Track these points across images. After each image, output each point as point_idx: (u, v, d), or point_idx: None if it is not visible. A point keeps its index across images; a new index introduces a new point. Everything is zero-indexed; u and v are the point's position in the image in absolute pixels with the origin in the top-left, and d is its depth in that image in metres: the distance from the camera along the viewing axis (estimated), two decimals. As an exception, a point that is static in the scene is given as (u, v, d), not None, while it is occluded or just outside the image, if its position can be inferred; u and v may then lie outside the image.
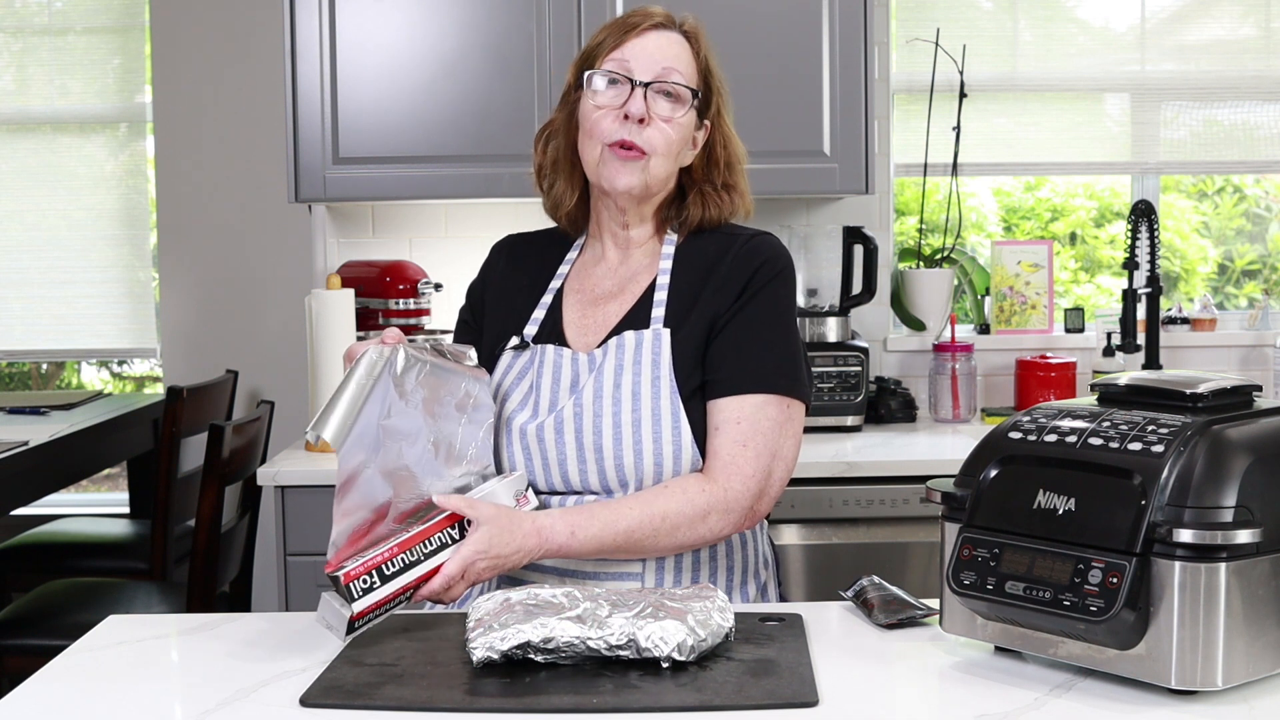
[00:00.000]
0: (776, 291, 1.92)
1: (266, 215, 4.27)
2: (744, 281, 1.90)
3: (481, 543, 1.71)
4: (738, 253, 1.93)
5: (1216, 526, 1.41)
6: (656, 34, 1.92)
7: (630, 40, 1.91)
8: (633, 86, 1.89)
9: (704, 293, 1.91)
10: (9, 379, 5.59)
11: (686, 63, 1.92)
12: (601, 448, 1.85)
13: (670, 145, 1.91)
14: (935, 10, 3.68)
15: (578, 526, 1.78)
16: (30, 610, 3.30)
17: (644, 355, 1.88)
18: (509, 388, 1.94)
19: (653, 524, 1.81)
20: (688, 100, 1.91)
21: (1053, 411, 1.60)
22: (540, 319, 1.98)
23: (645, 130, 1.89)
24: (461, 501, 1.73)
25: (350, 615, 1.60)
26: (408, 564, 1.66)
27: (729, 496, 1.84)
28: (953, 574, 1.55)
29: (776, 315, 1.91)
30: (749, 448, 1.85)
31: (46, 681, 1.59)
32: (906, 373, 3.63)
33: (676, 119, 1.90)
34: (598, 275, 1.99)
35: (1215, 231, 4.03)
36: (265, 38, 4.18)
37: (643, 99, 1.89)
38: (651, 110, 1.89)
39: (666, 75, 1.90)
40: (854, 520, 2.97)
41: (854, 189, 3.25)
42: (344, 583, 1.61)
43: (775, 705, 1.45)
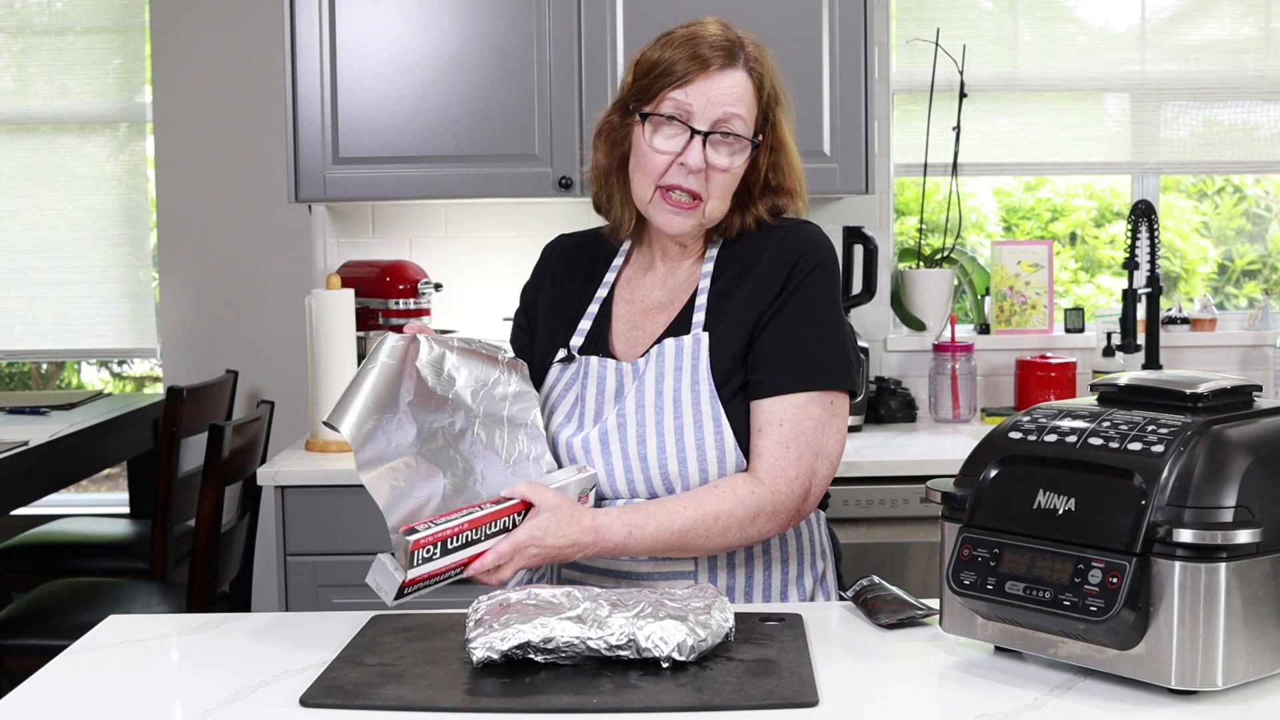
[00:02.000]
0: (816, 283, 1.88)
1: (266, 215, 4.27)
2: (783, 279, 1.88)
3: (538, 529, 1.71)
4: (775, 249, 1.90)
5: (1216, 526, 1.41)
6: (721, 75, 1.84)
7: (695, 82, 1.84)
8: (691, 135, 1.84)
9: (742, 291, 1.89)
10: (9, 379, 5.59)
11: (749, 104, 1.86)
12: (646, 457, 1.85)
13: (726, 189, 1.88)
14: (935, 10, 3.68)
15: (635, 526, 1.78)
16: (30, 610, 3.30)
17: (684, 361, 1.87)
18: (556, 400, 1.94)
19: (705, 524, 1.80)
20: (747, 148, 1.87)
21: (1053, 411, 1.60)
22: (586, 330, 1.96)
23: (700, 176, 1.85)
24: (526, 487, 1.73)
25: (402, 581, 1.60)
26: (470, 541, 1.67)
27: (776, 499, 1.83)
28: (953, 574, 1.55)
29: (816, 307, 1.88)
30: (792, 449, 1.84)
31: (46, 681, 1.59)
32: (906, 373, 3.63)
33: (734, 168, 1.86)
34: (647, 285, 1.97)
35: (1215, 231, 4.03)
36: (265, 38, 4.18)
37: (700, 150, 1.84)
38: (709, 160, 1.85)
39: (727, 122, 1.84)
40: (854, 520, 2.97)
41: (854, 189, 3.25)
42: (410, 549, 1.60)
43: (775, 705, 1.45)
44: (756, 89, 1.87)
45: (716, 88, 1.84)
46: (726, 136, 1.85)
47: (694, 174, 1.85)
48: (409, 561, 1.61)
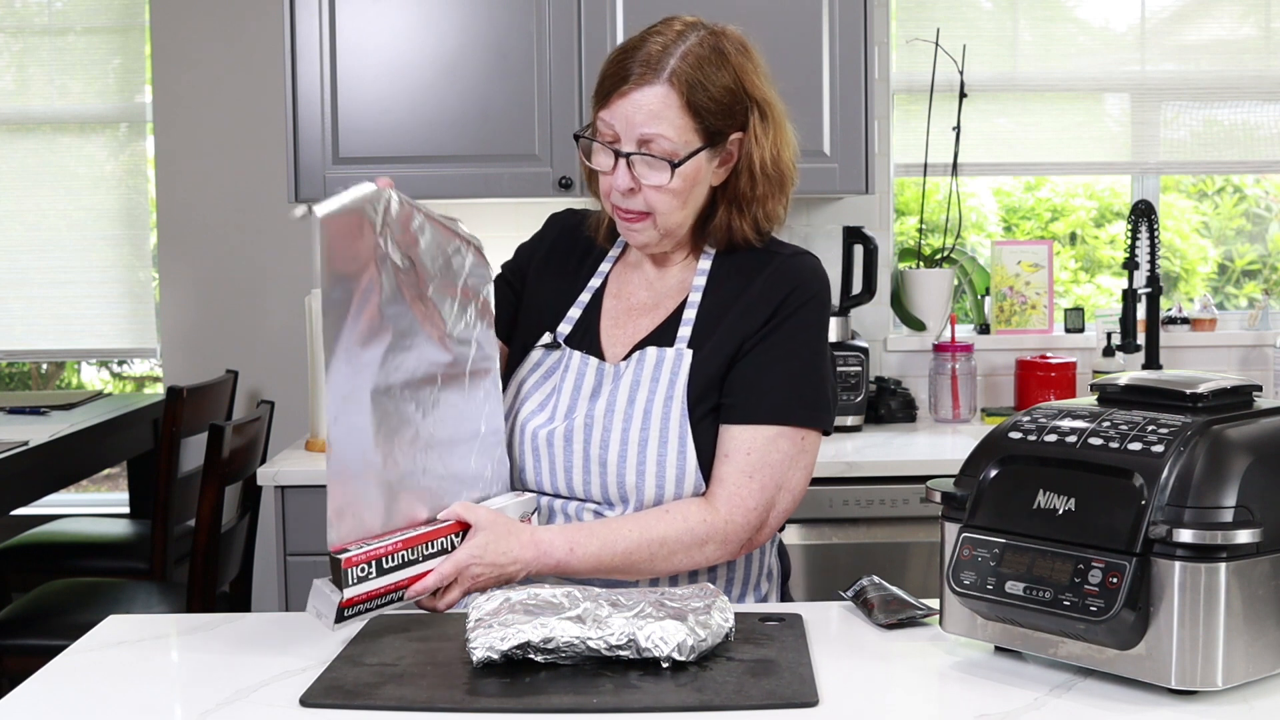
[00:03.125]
0: (805, 319, 1.86)
1: (266, 215, 4.27)
2: (773, 308, 1.85)
3: (477, 547, 1.70)
4: (770, 275, 1.87)
5: (1216, 526, 1.41)
6: (639, 93, 1.80)
7: (614, 102, 1.81)
8: (616, 158, 1.82)
9: (731, 314, 1.87)
10: (9, 379, 5.59)
11: (673, 119, 1.80)
12: (606, 462, 1.84)
13: (671, 200, 1.83)
14: (935, 10, 3.68)
15: (576, 544, 1.77)
16: (30, 610, 3.30)
17: (663, 374, 1.85)
18: (531, 387, 1.93)
19: (650, 548, 1.79)
20: (668, 167, 1.81)
21: (1053, 411, 1.60)
22: (575, 318, 1.95)
23: (639, 195, 1.83)
24: (461, 508, 1.73)
25: (340, 601, 1.60)
26: (407, 561, 1.66)
27: (729, 529, 1.82)
28: (953, 574, 1.55)
29: (803, 342, 1.86)
30: (755, 479, 1.82)
31: (46, 681, 1.59)
32: (906, 373, 3.63)
33: (667, 185, 1.82)
34: (635, 284, 1.96)
35: (1215, 231, 4.03)
36: (265, 38, 4.18)
37: (626, 172, 1.81)
38: (639, 180, 1.82)
39: (648, 142, 1.80)
40: (854, 520, 2.97)
41: (854, 189, 3.25)
42: (344, 566, 1.60)
43: (775, 705, 1.45)
44: (684, 103, 1.80)
45: (632, 106, 1.80)
46: (648, 155, 1.81)
47: (628, 195, 1.83)
48: (343, 580, 1.60)
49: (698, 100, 1.81)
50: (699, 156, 1.83)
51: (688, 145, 1.81)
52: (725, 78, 1.83)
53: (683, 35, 1.84)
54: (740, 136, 1.86)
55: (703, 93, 1.81)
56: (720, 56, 1.84)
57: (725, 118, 1.84)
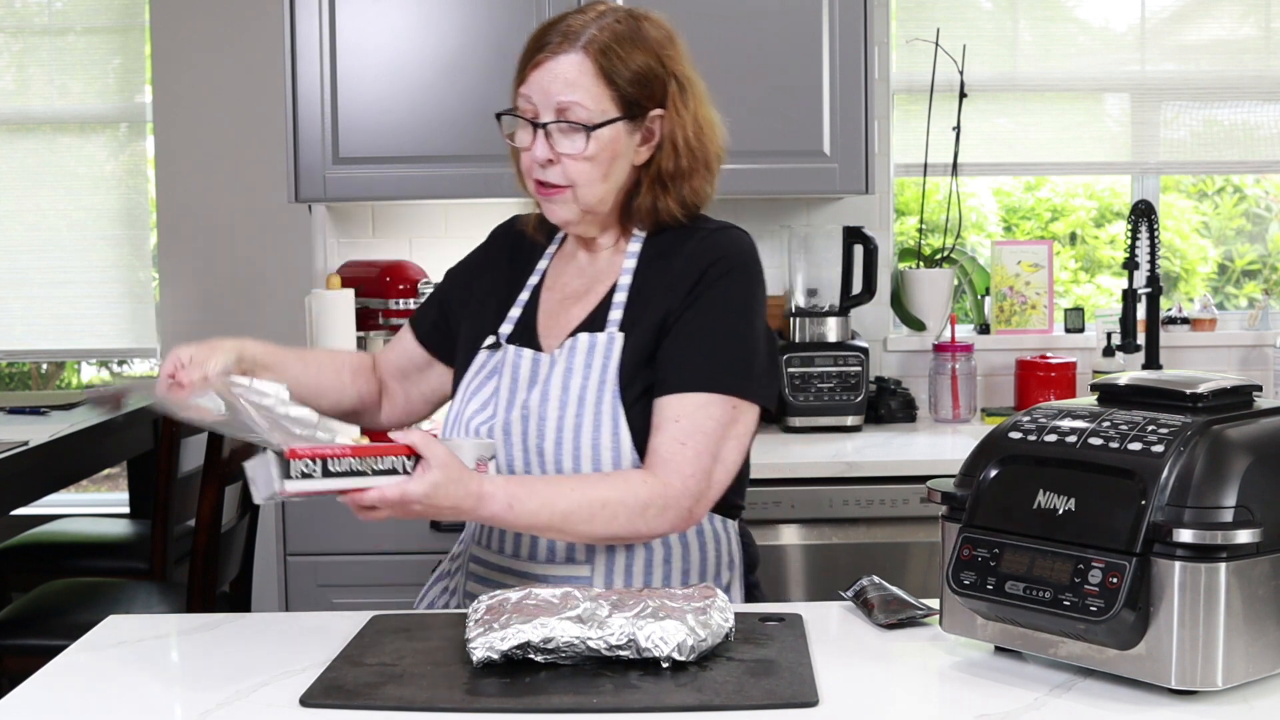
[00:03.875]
0: (728, 289, 1.86)
1: (266, 215, 4.27)
2: (693, 280, 1.85)
3: (428, 485, 1.65)
4: (691, 250, 1.88)
5: (1216, 526, 1.41)
6: (553, 62, 1.82)
7: (530, 74, 1.84)
8: (534, 129, 1.84)
9: (655, 295, 1.88)
10: (9, 379, 5.59)
11: (589, 86, 1.82)
12: (543, 450, 1.84)
13: (591, 172, 1.84)
14: (935, 10, 3.68)
15: (516, 500, 1.73)
16: (30, 610, 3.30)
17: (595, 359, 1.86)
18: (475, 388, 1.93)
19: (591, 509, 1.76)
20: (584, 132, 1.82)
21: (1053, 411, 1.60)
22: (516, 317, 1.96)
23: (558, 167, 1.84)
24: (420, 438, 1.67)
25: (277, 490, 1.57)
26: (353, 471, 1.62)
27: (668, 493, 1.79)
28: (953, 574, 1.55)
29: (726, 312, 1.85)
30: (688, 446, 1.80)
31: (46, 681, 1.59)
32: (906, 373, 3.63)
33: (584, 152, 1.83)
34: (569, 274, 1.97)
35: (1215, 231, 4.03)
36: (265, 38, 4.18)
37: (544, 143, 1.83)
38: (556, 149, 1.83)
39: (565, 110, 1.82)
40: (854, 520, 2.97)
41: (854, 189, 3.25)
42: (287, 457, 1.57)
43: (775, 705, 1.45)
44: (599, 70, 1.82)
45: (548, 75, 1.83)
46: (563, 123, 1.82)
47: (547, 167, 1.84)
48: (284, 470, 1.56)
49: (612, 68, 1.83)
50: (616, 126, 1.84)
51: (604, 113, 1.83)
52: (642, 50, 1.86)
53: (603, 14, 1.87)
54: (661, 113, 1.87)
55: (618, 61, 1.83)
56: (638, 32, 1.86)
57: (642, 88, 1.85)
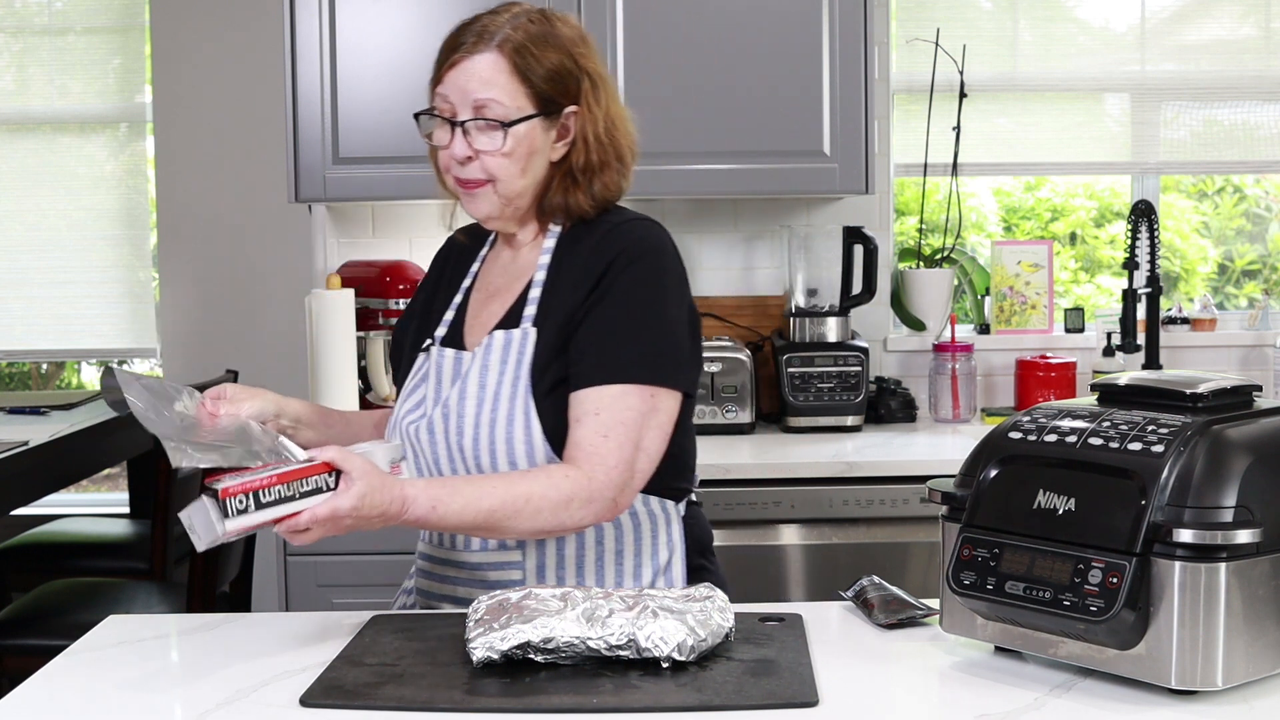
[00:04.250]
0: (634, 280, 1.86)
1: (266, 215, 4.27)
2: (598, 275, 1.86)
3: (355, 497, 1.65)
4: (595, 245, 1.89)
5: (1216, 526, 1.41)
6: (469, 61, 1.85)
7: (447, 73, 1.87)
8: (452, 127, 1.86)
9: (565, 290, 1.89)
10: (9, 379, 5.59)
11: (504, 84, 1.85)
12: (463, 448, 1.86)
13: (509, 167, 1.87)
14: (935, 10, 3.68)
15: (439, 501, 1.74)
16: (30, 610, 3.30)
17: (510, 355, 1.88)
18: (409, 390, 1.97)
19: (515, 505, 1.76)
20: (501, 129, 1.85)
21: (1053, 411, 1.60)
22: (449, 320, 1.99)
23: (476, 163, 1.87)
24: (337, 453, 1.68)
25: (219, 533, 1.57)
26: (283, 498, 1.63)
27: (592, 486, 1.79)
28: (953, 574, 1.55)
29: (634, 304, 1.85)
30: (611, 438, 1.80)
31: (46, 681, 1.59)
32: (906, 373, 3.63)
33: (501, 149, 1.86)
34: (494, 272, 2.00)
35: (1215, 231, 4.03)
36: (265, 38, 4.18)
37: (462, 140, 1.86)
38: (474, 146, 1.86)
39: (481, 108, 1.85)
40: (854, 520, 2.97)
41: (854, 189, 3.25)
42: (220, 497, 1.57)
43: (775, 705, 1.45)
44: (513, 68, 1.85)
45: (464, 75, 1.85)
46: (480, 121, 1.85)
47: (466, 164, 1.87)
48: (223, 510, 1.57)
49: (527, 65, 1.86)
50: (532, 123, 1.87)
51: (520, 110, 1.86)
52: (556, 49, 1.89)
53: (517, 14, 1.90)
54: (575, 110, 1.90)
55: (532, 59, 1.86)
56: (551, 31, 1.89)
57: (556, 86, 1.88)
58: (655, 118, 3.21)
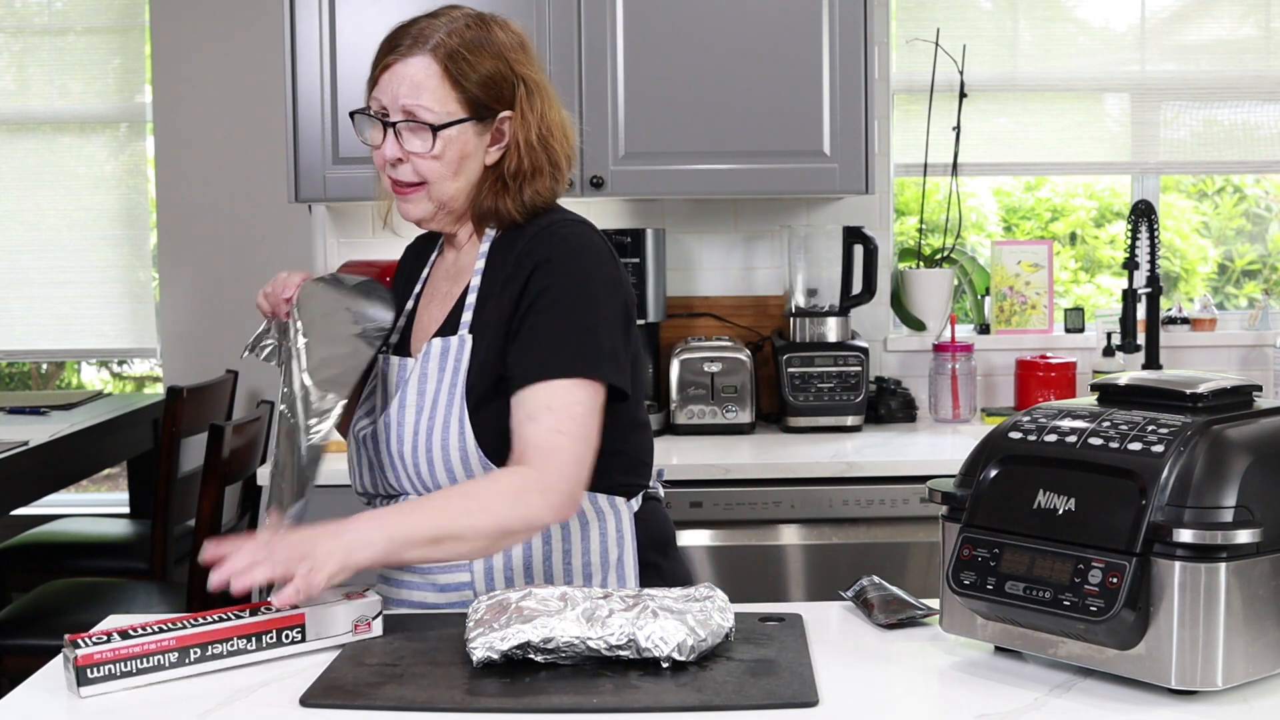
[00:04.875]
0: (565, 280, 1.84)
1: (266, 215, 4.27)
2: (525, 277, 1.85)
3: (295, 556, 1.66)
4: (520, 251, 1.88)
5: (1216, 526, 1.41)
6: (402, 65, 1.85)
7: (381, 75, 1.87)
8: (385, 129, 1.87)
9: (496, 296, 1.89)
10: (9, 379, 5.59)
11: (435, 88, 1.85)
12: (403, 455, 1.87)
13: (442, 170, 1.87)
14: (935, 10, 3.68)
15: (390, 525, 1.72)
16: (30, 610, 3.30)
17: (447, 362, 1.88)
18: (364, 397, 1.99)
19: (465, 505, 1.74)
20: (429, 132, 1.85)
21: (1053, 411, 1.60)
22: (402, 327, 2.01)
23: (408, 165, 1.87)
24: None
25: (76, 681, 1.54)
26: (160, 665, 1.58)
27: (546, 478, 1.75)
28: (953, 574, 1.55)
29: (570, 303, 1.83)
30: (565, 434, 1.77)
31: (46, 681, 1.59)
32: (906, 373, 3.63)
33: (431, 151, 1.86)
34: (439, 275, 2.01)
35: (1215, 231, 4.03)
36: (265, 38, 4.18)
37: (394, 142, 1.86)
38: (405, 148, 1.86)
39: (412, 111, 1.85)
40: (854, 520, 2.97)
41: (854, 189, 3.25)
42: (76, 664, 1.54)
43: (775, 705, 1.45)
44: (445, 72, 1.85)
45: (396, 79, 1.86)
46: (410, 123, 1.85)
47: (397, 165, 1.88)
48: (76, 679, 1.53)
49: (459, 70, 1.86)
50: (464, 126, 1.86)
51: (450, 115, 1.86)
52: (490, 54, 1.88)
53: (454, 19, 1.89)
54: (509, 115, 1.90)
55: (465, 64, 1.86)
56: (487, 37, 1.89)
57: (490, 91, 1.88)
58: (655, 118, 3.22)
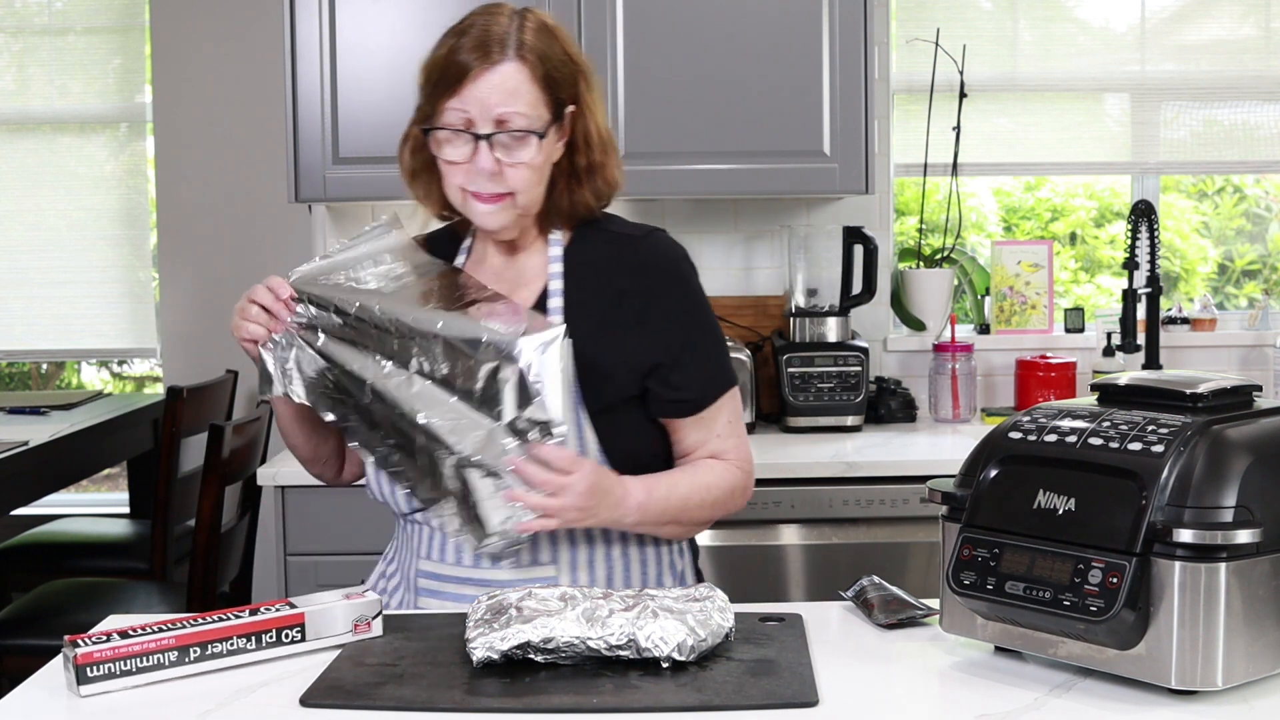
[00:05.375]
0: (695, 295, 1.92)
1: (266, 215, 4.27)
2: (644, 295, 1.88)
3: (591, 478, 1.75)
4: (634, 267, 1.89)
5: (1216, 526, 1.41)
6: (490, 73, 1.80)
7: (465, 87, 1.80)
8: (476, 140, 1.81)
9: (609, 310, 1.88)
10: (9, 379, 5.59)
11: (527, 93, 1.81)
12: None
13: (530, 177, 1.84)
14: (935, 10, 3.68)
15: (650, 486, 1.83)
16: (30, 610, 3.30)
17: None
18: None
19: (700, 494, 1.88)
20: (534, 139, 1.82)
21: (1053, 411, 1.60)
22: None
23: (499, 175, 1.82)
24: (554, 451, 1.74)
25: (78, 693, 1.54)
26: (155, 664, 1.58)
27: (746, 480, 1.94)
28: (953, 574, 1.55)
29: (704, 315, 1.93)
30: (743, 438, 1.95)
31: (46, 681, 1.59)
32: (906, 373, 3.63)
33: (530, 160, 1.82)
34: (486, 279, 1.94)
35: (1215, 231, 4.03)
36: (265, 38, 4.18)
37: (489, 153, 1.81)
38: (501, 159, 1.82)
39: (507, 120, 1.80)
40: (854, 520, 2.97)
41: (854, 189, 3.25)
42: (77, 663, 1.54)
43: (775, 705, 1.45)
44: (534, 76, 1.82)
45: (487, 87, 1.80)
46: (507, 134, 1.81)
47: (489, 177, 1.82)
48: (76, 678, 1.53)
49: (547, 72, 1.83)
50: (551, 129, 1.85)
51: (542, 120, 1.83)
52: (560, 48, 1.87)
53: (513, 15, 1.86)
54: (573, 109, 1.88)
55: (549, 64, 1.84)
56: (553, 33, 1.87)
57: (568, 88, 1.87)
58: (655, 118, 3.22)
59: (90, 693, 1.53)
